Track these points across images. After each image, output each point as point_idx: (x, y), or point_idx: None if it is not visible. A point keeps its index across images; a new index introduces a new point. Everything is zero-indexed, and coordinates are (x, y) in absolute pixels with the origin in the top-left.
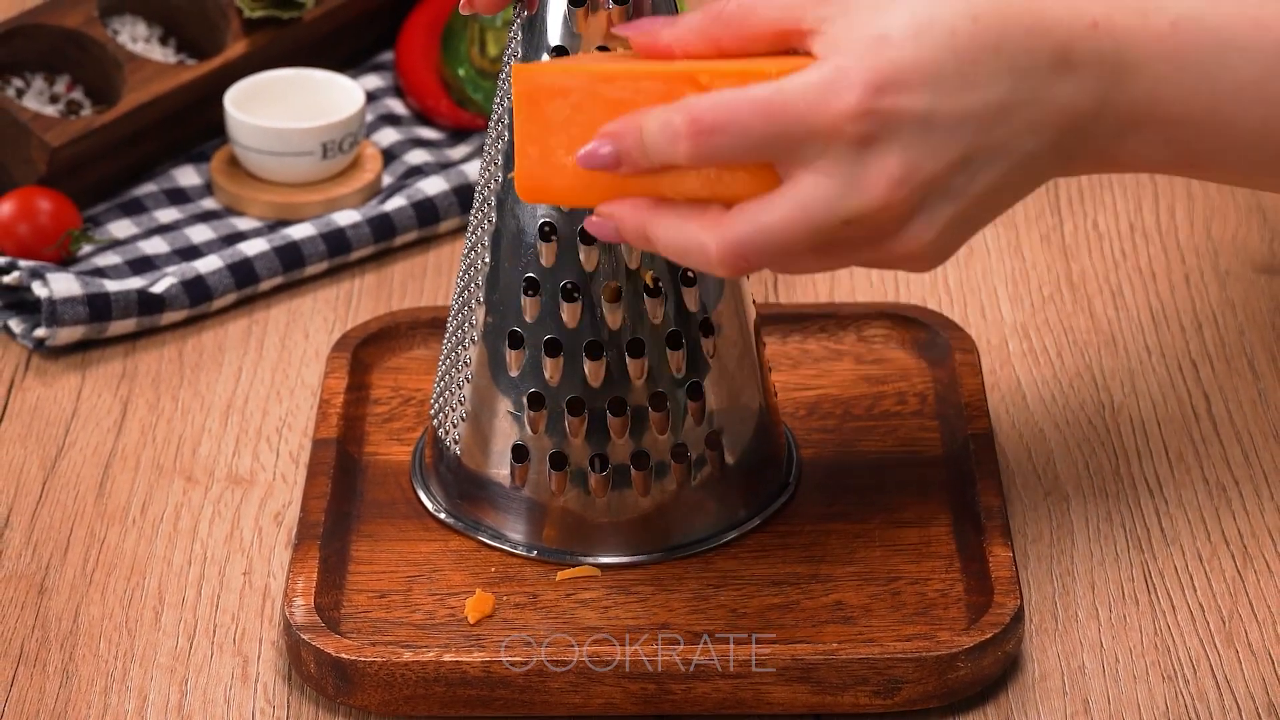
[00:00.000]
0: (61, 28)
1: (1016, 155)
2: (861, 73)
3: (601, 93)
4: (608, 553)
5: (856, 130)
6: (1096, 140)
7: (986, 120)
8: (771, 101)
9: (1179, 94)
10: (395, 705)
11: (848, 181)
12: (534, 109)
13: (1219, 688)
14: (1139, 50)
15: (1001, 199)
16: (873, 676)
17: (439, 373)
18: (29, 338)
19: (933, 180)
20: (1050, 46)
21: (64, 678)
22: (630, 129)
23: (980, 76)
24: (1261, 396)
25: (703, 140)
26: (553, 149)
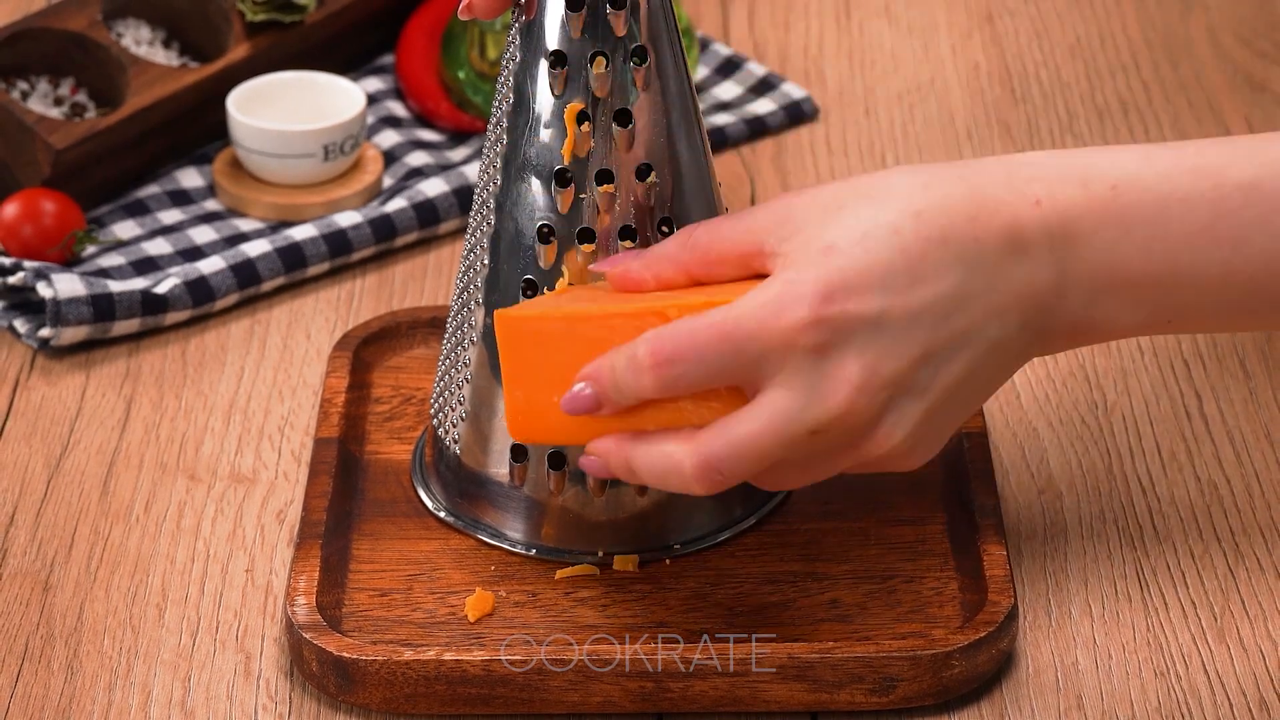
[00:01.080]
0: (66, 31)
1: (982, 343)
2: (809, 284)
3: (579, 333)
4: (606, 551)
5: (810, 340)
6: (1066, 314)
7: (941, 313)
8: (724, 323)
9: (1133, 254)
10: (396, 703)
11: (809, 391)
12: (517, 353)
13: (1211, 683)
14: (1086, 220)
15: (976, 387)
16: (868, 674)
17: (439, 373)
18: (34, 338)
19: (895, 380)
20: (997, 230)
21: (68, 674)
22: (604, 369)
23: (929, 271)
24: (1253, 395)
25: (664, 370)
26: (538, 390)
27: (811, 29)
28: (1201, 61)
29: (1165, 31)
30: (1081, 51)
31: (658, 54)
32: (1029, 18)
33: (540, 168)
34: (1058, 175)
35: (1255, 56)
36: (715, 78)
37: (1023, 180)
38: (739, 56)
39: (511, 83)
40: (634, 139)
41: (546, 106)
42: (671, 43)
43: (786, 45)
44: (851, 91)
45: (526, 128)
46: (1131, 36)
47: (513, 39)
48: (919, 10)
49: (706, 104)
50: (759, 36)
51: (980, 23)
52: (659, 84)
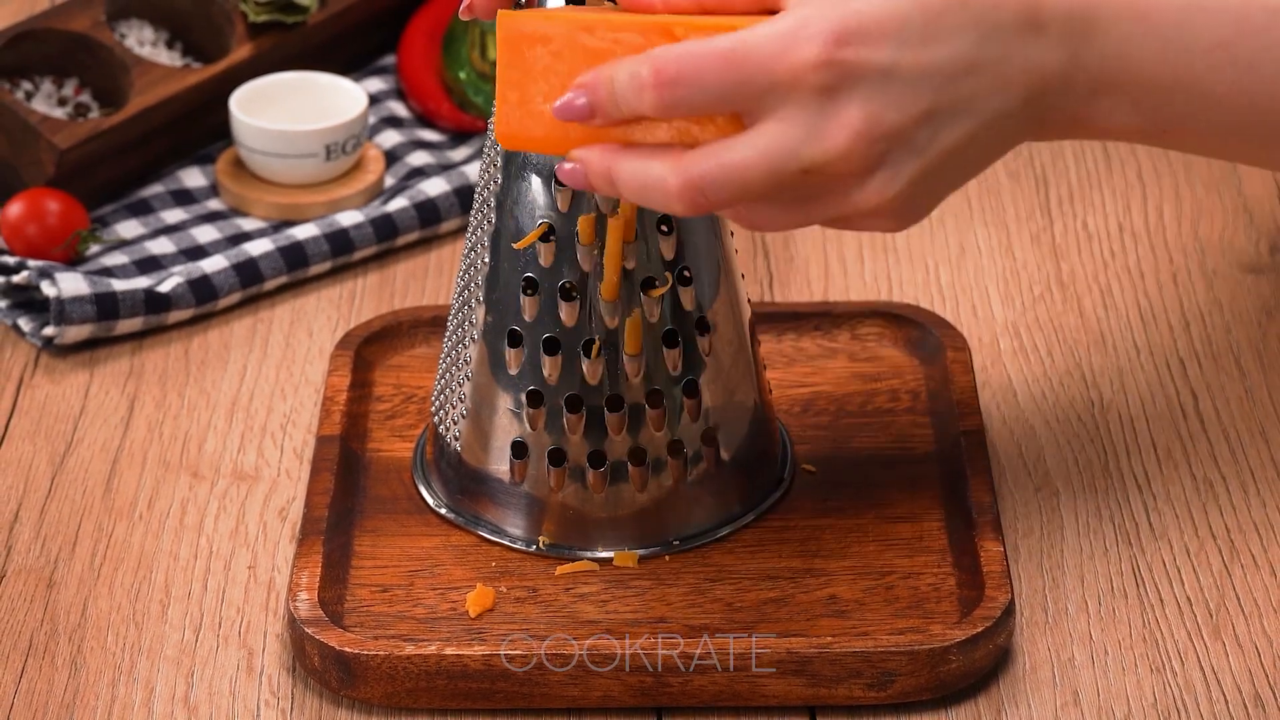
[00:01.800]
0: (69, 31)
1: (984, 113)
2: (824, 23)
3: (581, 42)
4: (606, 547)
5: (818, 80)
6: (1067, 102)
7: (951, 75)
8: (734, 51)
9: (1149, 55)
10: (398, 698)
11: (809, 130)
12: (515, 55)
13: (1206, 679)
14: (1108, 10)
15: (970, 158)
16: (866, 669)
17: (440, 371)
18: (38, 336)
19: (895, 133)
20: (1018, 4)
21: (72, 669)
22: (602, 80)
23: (945, 32)
24: (1248, 394)
25: (666, 91)
26: (532, 96)
27: None
28: None
29: None
30: None
31: None
32: None
33: (540, 166)
34: None
35: None
36: None
37: None
38: None
39: None
40: None
41: None
42: None
43: None
44: None
45: None
46: None
47: None
48: None
49: None
50: None
51: None
52: None
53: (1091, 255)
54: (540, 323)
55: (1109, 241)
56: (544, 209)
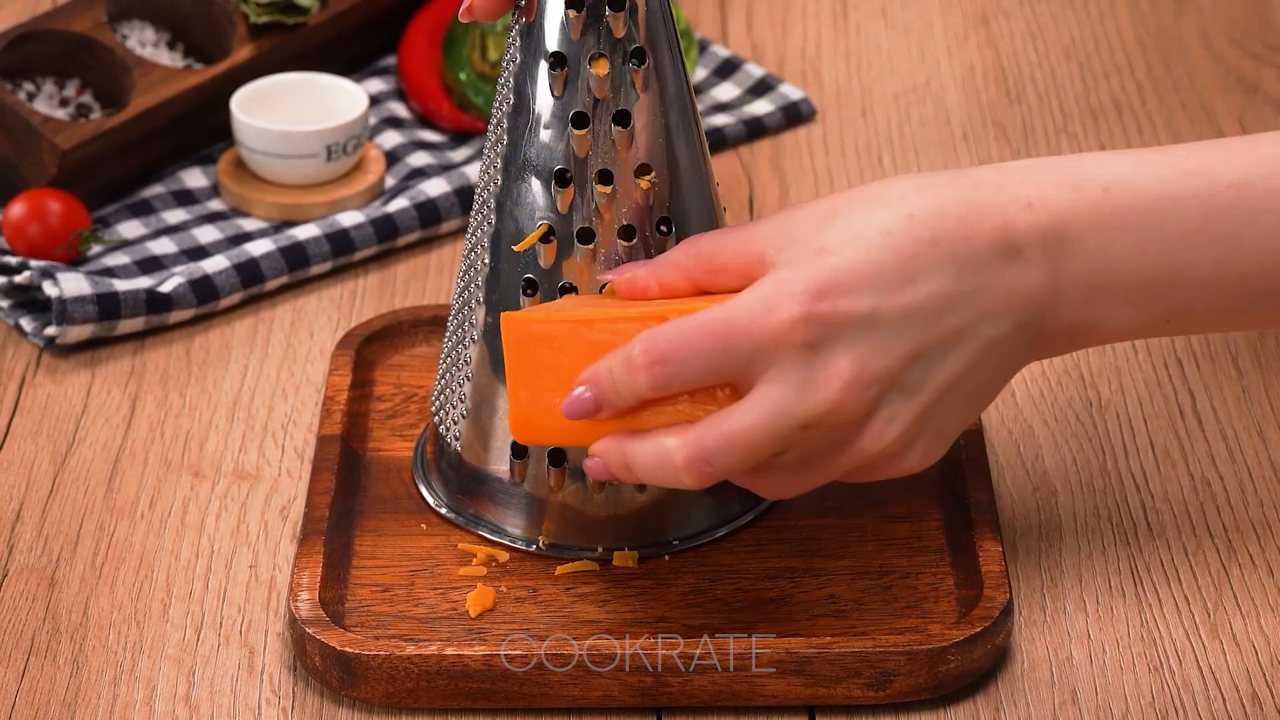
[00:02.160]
0: (71, 32)
1: (976, 342)
2: (800, 282)
3: (583, 336)
4: (605, 547)
5: (801, 337)
6: (1063, 315)
7: (933, 311)
8: (716, 322)
9: (1127, 254)
10: (398, 697)
11: (800, 386)
12: (522, 354)
13: (1204, 678)
14: (1078, 222)
15: (974, 388)
16: (865, 669)
17: (440, 371)
18: (40, 336)
19: (886, 376)
20: (988, 232)
21: (74, 668)
22: (602, 372)
23: (920, 271)
24: (1245, 394)
25: (658, 369)
26: (541, 392)
27: (809, 31)
28: (1195, 63)
29: (1158, 33)
30: (1076, 53)
31: (656, 56)
32: (1024, 20)
33: (540, 168)
34: (1050, 179)
35: (1247, 58)
36: (714, 79)
37: (1015, 184)
38: (737, 58)
39: (511, 84)
40: (633, 139)
41: (546, 107)
42: (670, 44)
43: (784, 47)
44: (848, 92)
45: (527, 128)
46: (1125, 38)
47: (513, 40)
48: (915, 12)
49: (705, 105)
50: (757, 38)
51: (976, 25)
52: (658, 85)
53: None
54: None
55: None
56: (544, 210)
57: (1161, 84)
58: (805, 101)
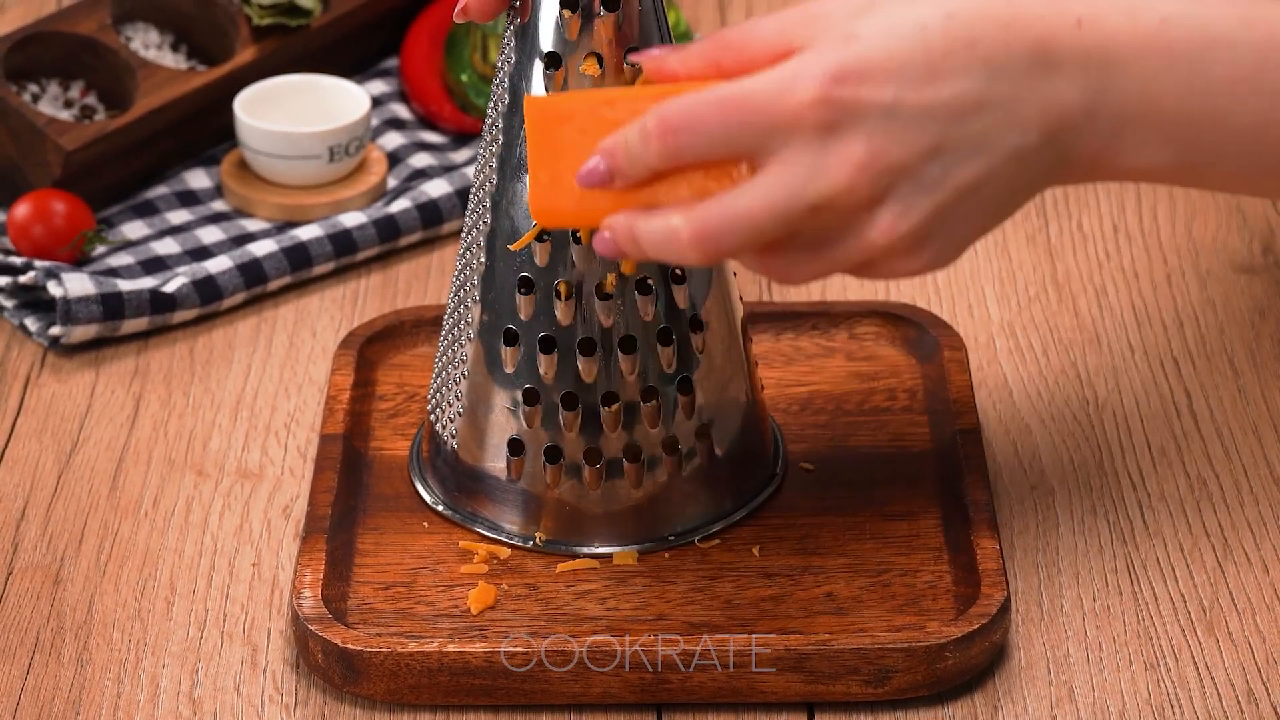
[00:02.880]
0: (76, 34)
1: (999, 151)
2: (822, 64)
3: (604, 115)
4: (602, 543)
5: (817, 118)
6: (1092, 139)
7: (958, 113)
8: (733, 96)
9: (1172, 89)
10: (400, 694)
11: (812, 167)
12: (544, 135)
13: (1200, 676)
14: (1128, 47)
15: (992, 198)
16: (864, 666)
17: (435, 370)
18: (44, 336)
19: (900, 168)
20: (1029, 43)
21: (78, 666)
22: (617, 142)
23: (951, 71)
24: (1241, 393)
25: (671, 138)
26: (562, 172)
27: None
28: None
29: None
30: None
31: None
32: None
33: None
34: (1107, 1)
35: None
36: None
37: (1070, 1)
38: None
39: (507, 84)
40: None
41: None
42: (663, 44)
43: None
44: None
45: (522, 128)
46: None
47: (508, 41)
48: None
49: None
50: None
51: None
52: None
53: (1086, 256)
54: (536, 322)
55: (1104, 242)
56: None
57: None
58: None
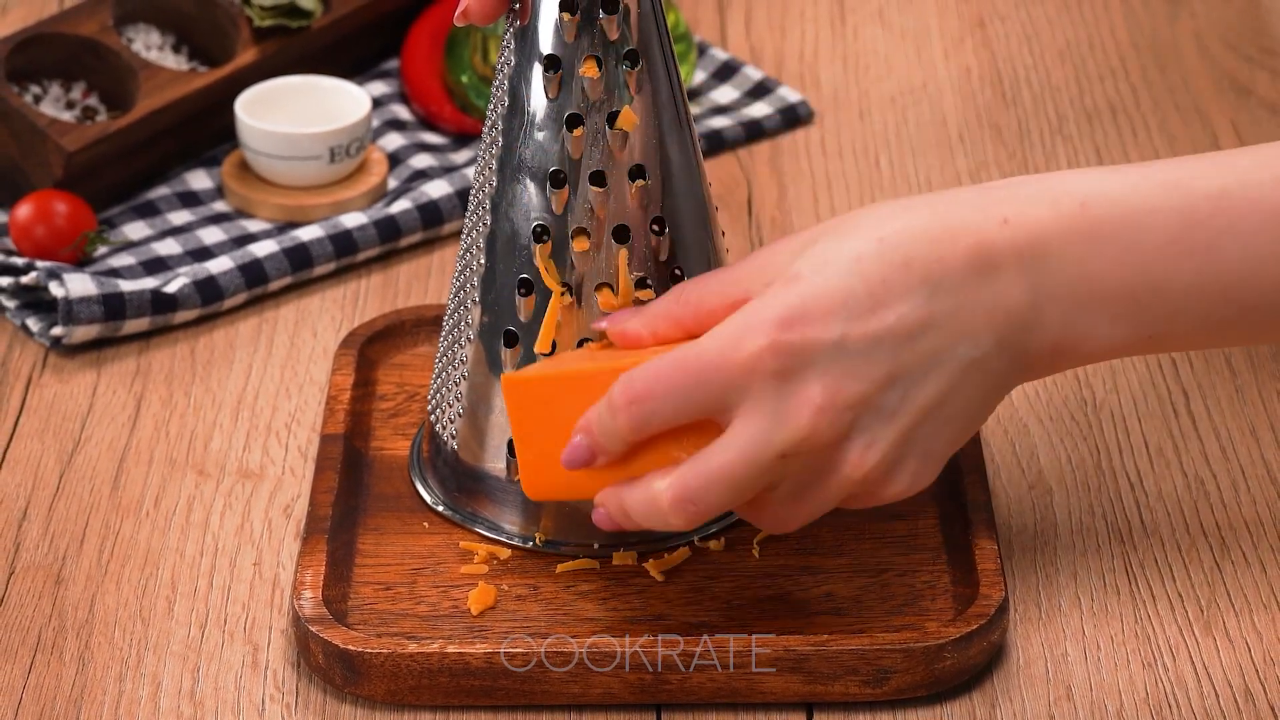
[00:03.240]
0: (77, 36)
1: (954, 363)
2: (767, 313)
3: (577, 390)
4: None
5: (771, 366)
6: (1045, 332)
7: (906, 336)
8: (687, 358)
9: (1107, 267)
10: (401, 695)
11: (774, 416)
12: (525, 415)
13: (1197, 674)
14: (1056, 236)
15: (956, 411)
16: (862, 666)
17: (435, 371)
18: (46, 336)
19: (858, 401)
20: (963, 251)
21: (80, 665)
22: (591, 417)
23: (891, 295)
24: (1239, 393)
25: (635, 409)
26: (548, 449)
27: (807, 34)
28: (1189, 66)
29: (1153, 37)
30: (1071, 56)
31: (649, 58)
32: (1020, 23)
33: (535, 169)
34: (1027, 195)
35: (1241, 61)
36: (713, 82)
37: (991, 203)
38: (736, 61)
39: (506, 86)
40: (627, 140)
41: (541, 109)
42: (662, 47)
43: (782, 50)
44: (846, 95)
45: (521, 130)
46: (1120, 41)
47: (507, 43)
48: (912, 16)
49: (704, 107)
50: (755, 41)
51: (972, 28)
52: (650, 87)
53: None
54: (536, 323)
55: None
56: (539, 211)
57: (1156, 87)
58: (803, 104)
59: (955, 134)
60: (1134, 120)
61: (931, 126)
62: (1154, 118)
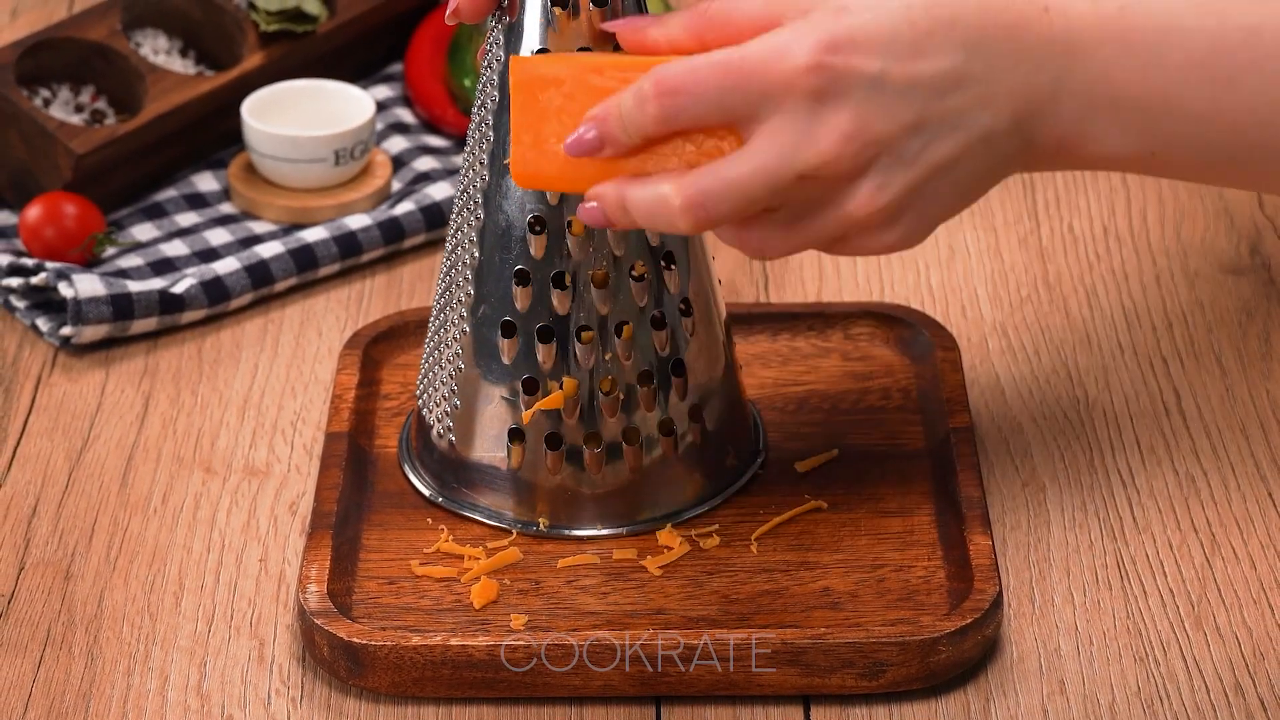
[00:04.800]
0: (86, 40)
1: (972, 129)
2: (815, 33)
3: (591, 82)
4: (603, 525)
5: (809, 85)
6: (1057, 124)
7: (939, 88)
8: (729, 61)
9: (1130, 75)
10: (404, 687)
11: (801, 135)
12: (528, 97)
13: (1188, 669)
14: (1089, 34)
15: (962, 178)
16: (859, 659)
17: (424, 368)
18: (55, 336)
19: (884, 139)
20: (1004, 26)
21: (89, 659)
22: (610, 108)
23: (933, 46)
24: (1229, 392)
25: (667, 99)
26: (545, 136)
27: None
28: None
29: None
30: None
31: None
32: None
33: None
34: None
35: None
36: None
37: None
38: None
39: (496, 82)
40: None
41: None
42: None
43: None
44: None
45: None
46: None
47: (495, 40)
48: None
49: None
50: None
51: None
52: None
53: (1077, 257)
54: (533, 312)
55: (1094, 244)
56: (533, 203)
57: None
58: None
59: None
60: None
61: None
62: None
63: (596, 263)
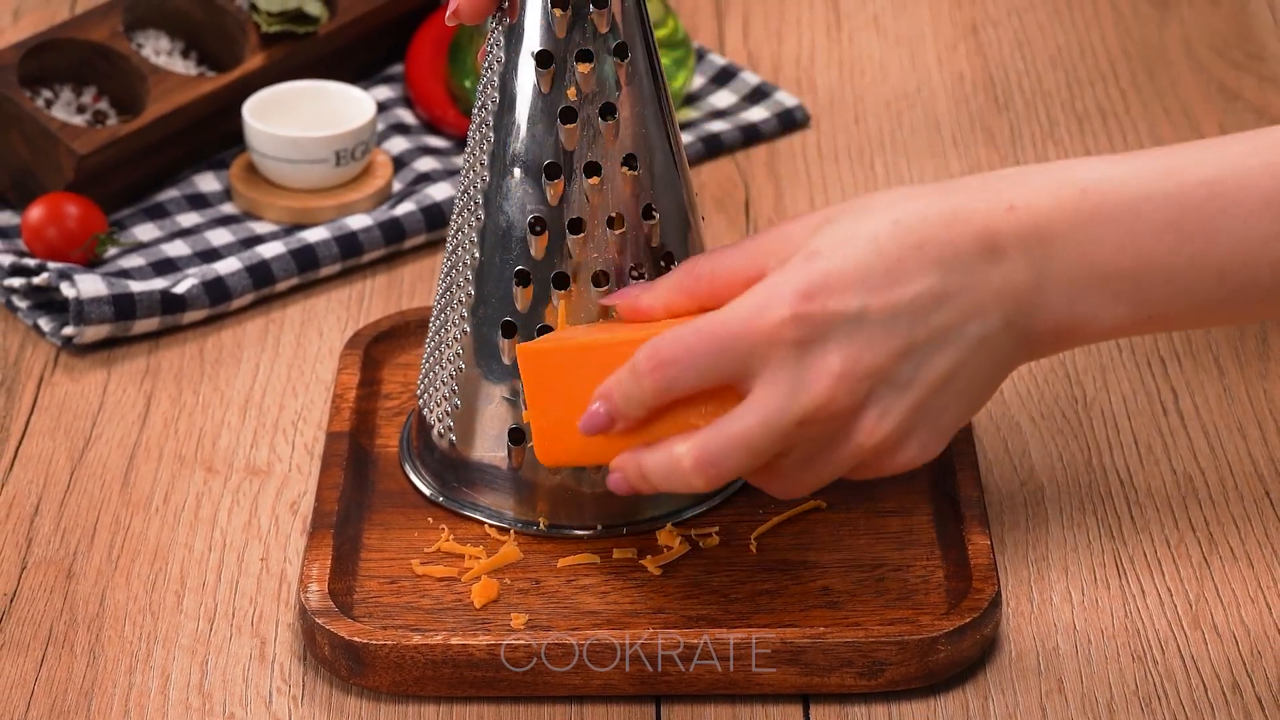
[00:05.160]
0: (88, 41)
1: (965, 340)
2: (790, 284)
3: (594, 360)
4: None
5: (792, 336)
6: (1049, 313)
7: (920, 310)
8: (713, 326)
9: (1107, 251)
10: (405, 685)
11: (794, 384)
12: (539, 384)
13: (1186, 667)
14: (1058, 221)
15: (966, 386)
16: (858, 659)
17: (424, 367)
18: (57, 336)
19: (875, 371)
20: (972, 235)
21: (91, 658)
22: (613, 385)
23: (906, 272)
24: (1226, 392)
25: (659, 373)
26: (561, 416)
27: (803, 40)
28: (1177, 71)
29: (1142, 42)
30: (1062, 61)
31: (634, 50)
32: (1012, 29)
33: (529, 162)
34: (1031, 183)
35: (1229, 66)
36: (711, 86)
37: (997, 190)
38: (734, 66)
39: (496, 83)
40: (619, 131)
41: (534, 104)
42: (645, 39)
43: (779, 55)
44: (841, 99)
45: (514, 125)
46: (1110, 47)
47: (495, 41)
48: (906, 22)
49: (702, 112)
50: (753, 47)
51: (965, 33)
52: (637, 79)
53: None
54: (534, 312)
55: None
56: (534, 203)
57: (1145, 91)
58: (800, 108)
59: (949, 138)
60: (1124, 124)
61: (925, 130)
62: (1143, 122)
63: (597, 263)
